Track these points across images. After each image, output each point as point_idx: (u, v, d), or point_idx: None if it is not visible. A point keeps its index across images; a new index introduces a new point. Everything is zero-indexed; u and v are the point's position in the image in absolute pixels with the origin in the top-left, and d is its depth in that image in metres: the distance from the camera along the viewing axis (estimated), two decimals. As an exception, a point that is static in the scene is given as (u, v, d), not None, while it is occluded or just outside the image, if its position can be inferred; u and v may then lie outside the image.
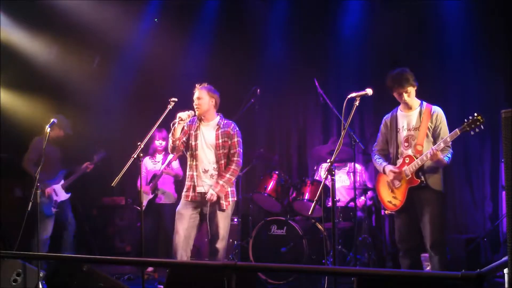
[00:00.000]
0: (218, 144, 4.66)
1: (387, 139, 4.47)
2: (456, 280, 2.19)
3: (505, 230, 5.06)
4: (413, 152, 4.22)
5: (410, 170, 4.19)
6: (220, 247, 4.65)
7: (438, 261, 4.16)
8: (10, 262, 4.47)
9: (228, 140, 4.67)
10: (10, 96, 6.95)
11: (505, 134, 2.28)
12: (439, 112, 4.28)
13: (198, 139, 4.70)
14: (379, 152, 4.55)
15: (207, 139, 4.70)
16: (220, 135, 4.68)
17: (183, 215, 4.63)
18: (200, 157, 4.67)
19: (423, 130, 4.22)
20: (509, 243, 2.26)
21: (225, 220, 4.66)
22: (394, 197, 4.32)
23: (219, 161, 4.65)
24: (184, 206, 4.66)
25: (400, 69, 4.30)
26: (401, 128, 4.35)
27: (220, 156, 4.66)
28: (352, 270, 3.75)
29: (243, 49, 7.14)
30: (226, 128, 4.70)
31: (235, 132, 4.72)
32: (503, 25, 5.91)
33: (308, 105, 7.09)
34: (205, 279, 3.25)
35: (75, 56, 7.15)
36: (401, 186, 4.28)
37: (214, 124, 4.74)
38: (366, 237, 5.52)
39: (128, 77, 7.30)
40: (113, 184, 4.03)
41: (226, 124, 4.75)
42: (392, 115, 4.45)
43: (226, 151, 4.67)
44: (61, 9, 6.59)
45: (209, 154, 4.67)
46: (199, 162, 4.67)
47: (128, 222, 7.42)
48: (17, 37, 6.81)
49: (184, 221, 4.61)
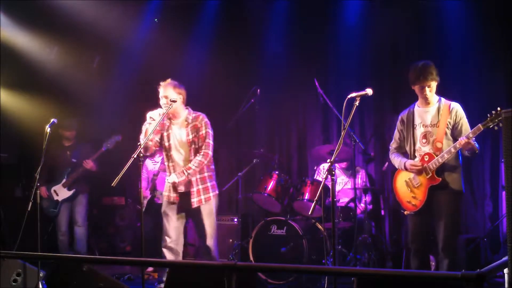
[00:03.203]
0: (189, 140, 4.61)
1: (404, 136, 4.34)
2: (456, 280, 2.19)
3: (505, 230, 5.06)
4: (432, 150, 4.11)
5: (431, 168, 4.07)
6: (211, 244, 4.62)
7: (448, 264, 4.07)
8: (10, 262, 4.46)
9: (197, 134, 4.62)
10: (10, 96, 6.95)
11: (505, 134, 2.28)
12: (459, 109, 4.17)
13: (170, 139, 4.67)
14: (397, 150, 4.41)
15: (178, 138, 4.65)
16: (190, 131, 4.62)
17: (169, 215, 4.64)
18: (174, 158, 4.66)
19: (442, 127, 4.10)
20: (509, 243, 2.26)
21: (210, 216, 4.64)
22: (414, 197, 4.18)
23: (191, 158, 4.61)
24: (168, 206, 4.67)
25: (424, 61, 4.15)
26: (418, 124, 4.23)
27: (192, 152, 4.61)
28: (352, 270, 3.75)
29: (243, 49, 7.14)
30: (195, 122, 4.64)
31: (203, 124, 4.63)
32: (503, 25, 5.90)
33: (308, 105, 7.08)
34: (205, 279, 3.25)
35: (75, 56, 7.15)
36: (421, 185, 4.14)
37: (183, 121, 4.67)
38: (366, 237, 5.51)
39: (128, 77, 7.30)
40: (113, 184, 4.03)
41: (194, 117, 4.67)
42: (409, 111, 4.33)
43: (197, 147, 4.61)
44: (61, 9, 6.58)
45: (183, 153, 4.65)
46: (175, 162, 4.66)
47: (128, 222, 7.43)
48: (17, 37, 6.81)
49: (171, 222, 4.63)
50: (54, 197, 6.15)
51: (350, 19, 6.67)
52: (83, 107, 7.11)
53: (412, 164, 4.16)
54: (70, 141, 6.38)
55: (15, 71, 6.84)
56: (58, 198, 6.16)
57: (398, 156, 4.36)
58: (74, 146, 6.37)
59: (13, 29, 6.72)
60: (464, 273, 2.18)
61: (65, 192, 6.20)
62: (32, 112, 6.91)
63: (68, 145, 6.37)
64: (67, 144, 6.37)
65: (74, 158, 6.27)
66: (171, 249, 4.62)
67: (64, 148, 6.33)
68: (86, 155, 6.19)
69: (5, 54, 6.61)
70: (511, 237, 2.25)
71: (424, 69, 4.12)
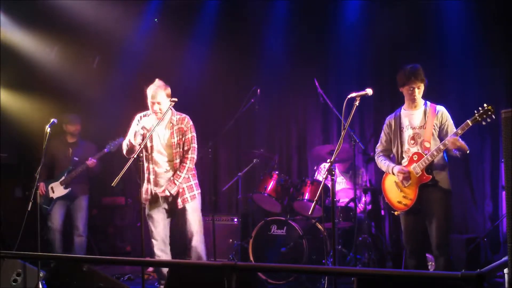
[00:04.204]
0: (173, 143, 4.57)
1: (391, 139, 4.43)
2: (456, 280, 2.19)
3: (505, 230, 5.05)
4: (421, 150, 4.19)
5: (420, 167, 4.14)
6: (197, 243, 4.61)
7: (443, 261, 4.13)
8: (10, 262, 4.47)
9: (182, 138, 4.59)
10: (10, 96, 6.95)
11: (505, 134, 2.28)
12: (444, 111, 4.27)
13: (153, 141, 4.60)
14: (383, 153, 4.50)
15: (162, 139, 4.61)
16: (175, 133, 4.58)
17: (154, 218, 4.63)
18: (156, 159, 4.61)
19: (429, 128, 4.19)
20: (509, 243, 2.26)
21: (194, 214, 4.62)
22: (405, 196, 4.24)
23: (174, 160, 4.58)
24: (151, 209, 4.63)
25: (413, 64, 4.26)
26: (405, 126, 4.32)
27: (176, 155, 4.58)
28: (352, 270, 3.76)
29: (243, 49, 7.14)
30: (180, 125, 4.60)
31: (189, 127, 4.61)
32: (503, 25, 5.90)
33: (308, 105, 7.08)
34: (205, 279, 3.25)
35: (75, 56, 7.15)
36: (411, 184, 4.20)
37: (167, 122, 4.62)
38: (366, 237, 5.51)
39: (128, 77, 7.30)
40: (113, 184, 4.04)
41: (179, 120, 4.62)
42: (396, 115, 4.42)
43: (181, 150, 4.59)
44: (61, 9, 6.58)
45: (165, 155, 4.61)
46: (155, 164, 4.61)
47: (128, 222, 7.42)
48: (17, 37, 6.81)
49: (156, 224, 4.62)
50: (49, 193, 6.11)
51: (350, 19, 6.66)
52: (83, 107, 7.10)
53: (399, 171, 4.23)
54: (74, 137, 6.33)
55: (15, 71, 6.84)
56: (53, 195, 6.13)
57: (385, 160, 4.44)
58: (77, 144, 6.34)
59: (13, 29, 6.72)
60: (464, 273, 2.18)
61: (60, 190, 6.15)
62: (32, 112, 6.91)
63: (72, 142, 6.32)
64: (70, 140, 6.32)
65: (76, 156, 6.25)
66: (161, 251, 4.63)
67: (67, 144, 6.29)
68: (89, 154, 6.17)
69: (5, 54, 6.60)
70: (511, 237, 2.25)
71: (414, 70, 4.22)
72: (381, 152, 4.51)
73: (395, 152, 4.40)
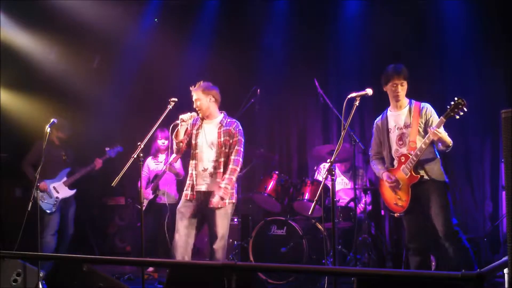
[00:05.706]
0: (220, 142, 4.65)
1: (381, 141, 4.48)
2: (456, 280, 2.19)
3: (505, 230, 5.06)
4: (408, 150, 4.23)
5: (408, 168, 4.19)
6: (218, 248, 4.58)
7: (454, 250, 4.12)
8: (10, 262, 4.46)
9: (229, 139, 4.65)
10: (10, 96, 6.95)
11: (505, 134, 2.28)
12: (428, 107, 4.30)
13: (199, 138, 4.69)
14: (376, 156, 4.55)
15: (208, 137, 4.68)
16: (222, 133, 4.66)
17: (184, 213, 4.61)
18: (200, 156, 4.66)
19: (414, 127, 4.23)
20: (509, 243, 2.26)
21: (224, 219, 4.59)
22: (399, 198, 4.31)
23: (218, 159, 4.62)
24: (184, 204, 4.64)
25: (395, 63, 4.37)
26: (392, 127, 4.37)
27: (221, 154, 4.63)
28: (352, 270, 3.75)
29: (243, 49, 7.14)
30: (228, 127, 4.68)
31: (237, 131, 4.69)
32: (503, 25, 5.90)
33: (308, 105, 7.08)
34: (205, 279, 3.25)
35: (75, 56, 7.14)
36: (402, 185, 4.27)
37: (216, 122, 4.73)
38: (366, 237, 5.51)
39: (128, 77, 7.30)
40: (113, 184, 4.04)
41: (229, 123, 4.73)
42: (383, 117, 4.47)
43: (227, 150, 4.64)
44: (61, 9, 6.58)
45: (210, 153, 4.65)
46: (199, 160, 4.66)
47: (128, 222, 7.43)
48: (17, 37, 6.81)
49: (184, 220, 4.59)
50: (53, 194, 6.11)
51: (350, 19, 6.67)
52: (83, 107, 7.10)
53: (386, 180, 4.32)
54: (60, 142, 6.28)
55: (15, 71, 6.83)
56: (58, 195, 6.14)
57: (377, 165, 4.50)
58: (66, 148, 6.32)
59: (13, 29, 6.72)
60: (464, 273, 2.18)
61: (66, 191, 6.18)
62: (32, 112, 6.90)
63: (58, 144, 6.26)
64: (57, 142, 6.26)
65: (70, 159, 6.27)
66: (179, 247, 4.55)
67: (55, 146, 6.21)
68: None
69: (5, 54, 6.60)
70: (511, 237, 2.25)
71: (397, 67, 4.32)
72: (374, 156, 4.57)
73: (385, 155, 4.44)
